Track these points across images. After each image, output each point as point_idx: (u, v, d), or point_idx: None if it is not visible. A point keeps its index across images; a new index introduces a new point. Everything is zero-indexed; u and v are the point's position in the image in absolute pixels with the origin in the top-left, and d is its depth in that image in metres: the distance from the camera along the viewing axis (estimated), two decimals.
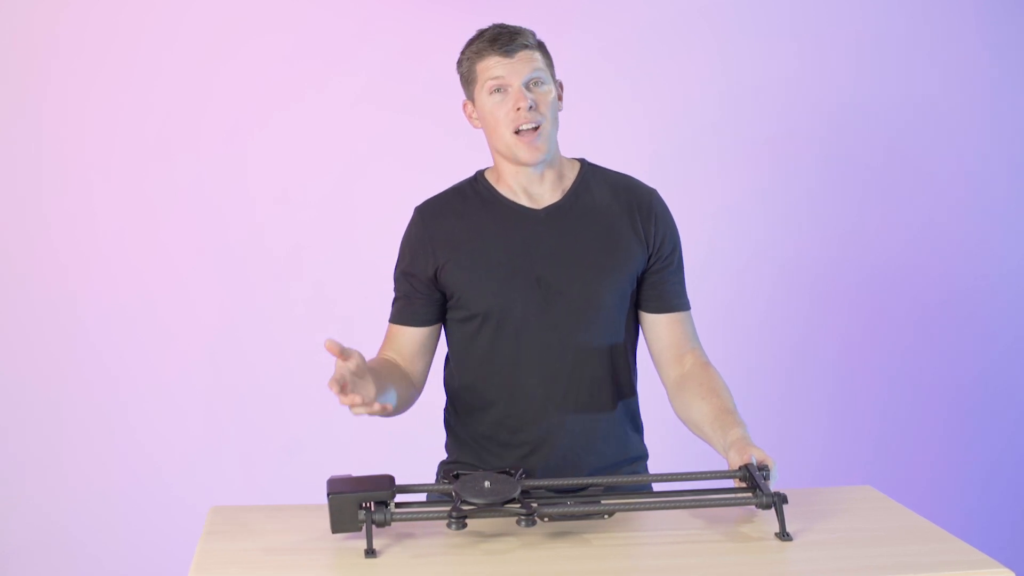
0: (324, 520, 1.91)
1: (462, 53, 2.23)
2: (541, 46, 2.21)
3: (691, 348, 2.28)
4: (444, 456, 2.37)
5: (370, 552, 1.83)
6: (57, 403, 3.42)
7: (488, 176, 2.28)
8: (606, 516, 1.96)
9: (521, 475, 1.97)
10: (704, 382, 2.21)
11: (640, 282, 2.27)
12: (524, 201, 2.23)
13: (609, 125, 3.58)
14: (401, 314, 2.27)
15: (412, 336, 2.26)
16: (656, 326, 2.28)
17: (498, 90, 2.16)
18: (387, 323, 2.30)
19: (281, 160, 3.48)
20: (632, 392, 2.32)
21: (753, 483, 1.96)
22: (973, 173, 3.79)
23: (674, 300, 2.29)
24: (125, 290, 3.43)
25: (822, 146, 3.71)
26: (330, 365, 3.44)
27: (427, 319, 2.26)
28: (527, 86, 2.15)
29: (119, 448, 3.45)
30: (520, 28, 2.20)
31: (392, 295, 2.30)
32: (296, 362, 3.51)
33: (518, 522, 1.87)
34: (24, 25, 3.33)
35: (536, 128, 2.15)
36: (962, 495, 3.85)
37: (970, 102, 3.77)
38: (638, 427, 2.35)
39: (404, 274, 2.26)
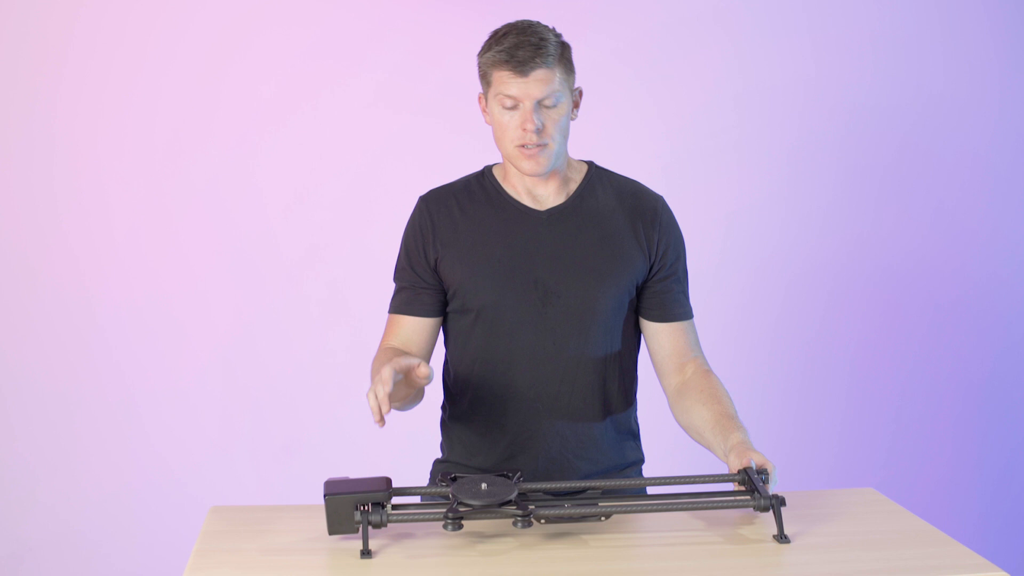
0: (323, 521, 1.91)
1: (484, 46, 2.16)
2: (563, 57, 2.14)
3: (693, 357, 2.27)
4: (440, 455, 2.37)
5: (366, 553, 1.84)
6: (70, 404, 3.44)
7: (496, 172, 2.27)
8: (603, 518, 1.96)
9: (518, 478, 1.97)
10: (705, 388, 2.20)
11: (642, 290, 2.26)
12: (527, 201, 2.23)
13: (624, 127, 3.58)
14: (406, 304, 2.25)
15: (416, 327, 2.24)
16: (658, 335, 2.28)
17: (509, 105, 2.12)
18: (388, 314, 2.28)
19: (295, 161, 3.49)
20: (630, 400, 2.31)
21: (751, 486, 1.96)
22: (987, 171, 3.76)
23: (677, 309, 2.27)
24: (139, 291, 3.45)
25: (838, 146, 3.68)
26: (341, 366, 3.48)
27: (431, 310, 2.25)
28: (539, 106, 2.11)
29: (132, 449, 3.47)
30: (542, 40, 2.11)
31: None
32: (311, 363, 3.53)
33: (514, 523, 1.87)
34: (36, 25, 3.36)
35: (541, 146, 2.13)
36: (978, 498, 3.83)
37: (982, 99, 3.73)
38: (635, 433, 2.34)
39: (408, 263, 2.25)
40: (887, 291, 3.75)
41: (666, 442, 2.68)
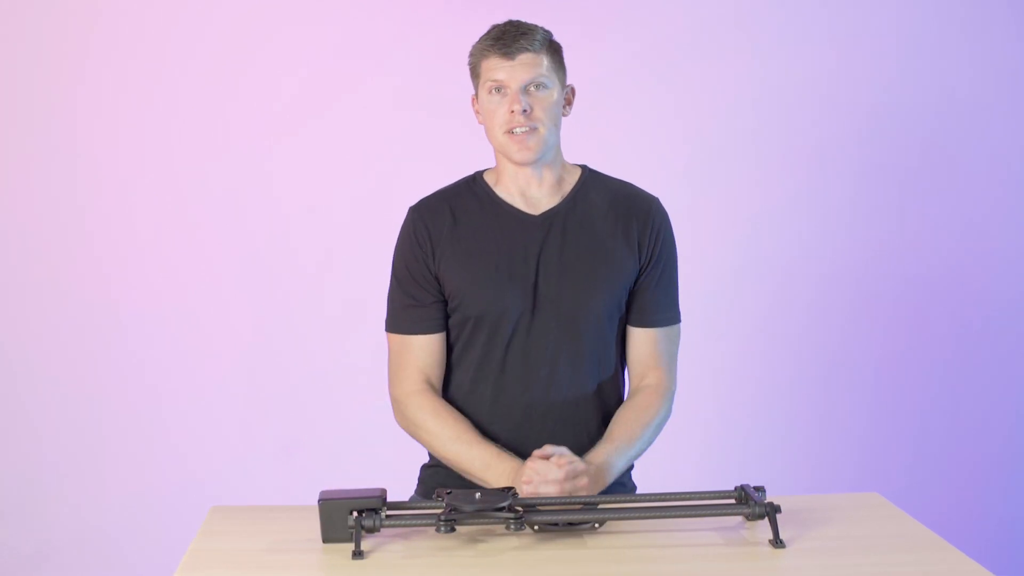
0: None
1: (473, 47, 2.20)
2: (551, 47, 2.16)
3: (656, 367, 2.24)
4: (427, 459, 2.35)
5: (357, 553, 1.85)
6: (94, 406, 3.47)
7: (487, 177, 2.26)
8: (596, 525, 1.95)
9: (513, 494, 1.96)
10: (628, 405, 2.22)
11: (631, 293, 2.24)
12: (521, 205, 2.21)
13: (643, 129, 3.56)
14: (420, 322, 2.21)
15: (434, 345, 2.21)
16: (631, 338, 2.26)
17: (497, 90, 2.14)
18: (389, 334, 2.26)
19: (315, 163, 3.50)
20: (619, 403, 2.29)
21: (747, 499, 1.95)
22: (1012, 175, 3.71)
23: (654, 315, 2.24)
24: (161, 293, 3.47)
25: (859, 149, 3.64)
26: (361, 368, 3.49)
27: (442, 324, 2.22)
28: (526, 90, 2.12)
29: (154, 450, 3.49)
30: (530, 28, 2.16)
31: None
32: (331, 368, 3.54)
33: (507, 526, 1.88)
34: (57, 31, 3.40)
35: (530, 130, 2.12)
36: (999, 508, 3.77)
37: (1006, 101, 3.67)
38: None
39: (411, 278, 2.22)
40: (912, 295, 3.69)
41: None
